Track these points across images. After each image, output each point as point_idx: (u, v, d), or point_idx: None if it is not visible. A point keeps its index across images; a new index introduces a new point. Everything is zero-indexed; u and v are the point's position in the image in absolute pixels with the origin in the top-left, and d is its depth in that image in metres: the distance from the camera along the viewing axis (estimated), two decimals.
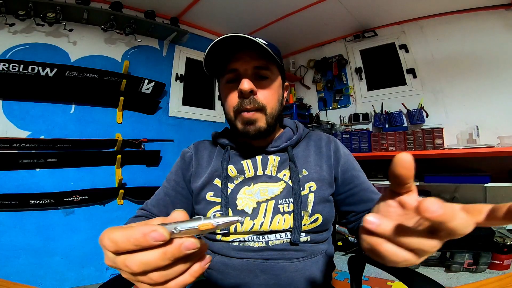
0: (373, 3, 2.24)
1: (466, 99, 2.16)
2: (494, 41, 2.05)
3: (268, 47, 0.57)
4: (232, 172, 0.67)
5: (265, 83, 0.63)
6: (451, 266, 1.83)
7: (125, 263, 0.24)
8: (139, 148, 2.16)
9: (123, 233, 0.23)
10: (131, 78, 2.10)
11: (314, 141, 0.73)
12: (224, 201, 0.63)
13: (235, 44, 0.59)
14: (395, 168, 0.26)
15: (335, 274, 1.97)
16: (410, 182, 0.28)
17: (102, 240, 0.24)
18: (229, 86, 0.64)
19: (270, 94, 0.63)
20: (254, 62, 0.61)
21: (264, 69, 0.62)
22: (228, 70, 0.63)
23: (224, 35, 0.57)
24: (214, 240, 0.66)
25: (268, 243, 0.62)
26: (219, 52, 0.61)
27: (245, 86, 0.59)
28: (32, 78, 1.72)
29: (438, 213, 0.22)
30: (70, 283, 1.81)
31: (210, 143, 0.76)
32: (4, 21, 1.69)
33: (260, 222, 0.62)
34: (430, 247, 0.24)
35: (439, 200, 0.22)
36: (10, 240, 1.66)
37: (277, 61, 0.61)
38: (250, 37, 0.57)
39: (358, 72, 2.73)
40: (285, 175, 0.66)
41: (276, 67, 0.66)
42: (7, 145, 1.66)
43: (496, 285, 0.56)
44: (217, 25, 2.66)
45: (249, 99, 0.60)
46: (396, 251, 0.25)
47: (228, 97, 0.64)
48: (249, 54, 0.61)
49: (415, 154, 2.07)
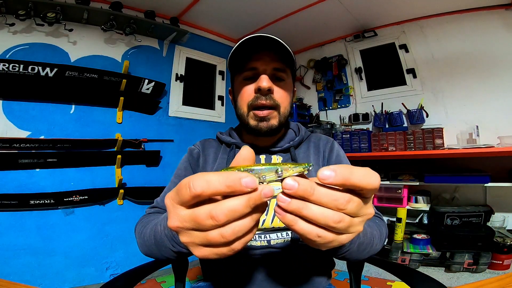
0: (373, 3, 2.24)
1: (466, 99, 2.16)
2: (494, 41, 2.05)
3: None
4: None
5: (281, 84, 0.66)
6: (451, 266, 1.83)
7: (211, 213, 0.23)
8: (139, 148, 2.16)
9: (218, 175, 0.23)
10: (131, 78, 2.10)
11: (314, 142, 0.75)
12: None
13: (257, 44, 0.61)
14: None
15: (335, 274, 1.97)
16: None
17: (188, 183, 0.23)
18: (246, 82, 0.66)
19: (285, 94, 0.66)
20: (273, 64, 0.64)
21: (282, 71, 0.65)
22: (247, 68, 0.65)
23: (254, 34, 0.60)
24: None
25: (270, 242, 0.63)
26: (241, 50, 0.63)
27: (265, 84, 0.61)
28: (32, 78, 1.72)
29: (294, 190, 0.24)
30: (70, 283, 1.81)
31: (215, 141, 0.78)
32: (4, 21, 1.69)
33: (262, 220, 0.63)
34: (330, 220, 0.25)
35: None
36: (10, 240, 1.65)
37: (292, 65, 0.65)
38: (277, 38, 0.59)
39: (358, 72, 2.73)
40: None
41: (290, 72, 0.68)
42: (7, 145, 1.66)
43: (496, 285, 0.56)
44: (217, 25, 2.66)
45: (266, 96, 0.63)
46: (308, 228, 0.26)
47: (243, 92, 0.66)
48: (269, 55, 0.64)
49: (415, 154, 2.08)
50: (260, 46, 0.62)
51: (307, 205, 0.25)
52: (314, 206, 0.25)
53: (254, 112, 0.64)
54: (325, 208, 0.25)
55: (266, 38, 0.60)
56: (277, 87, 0.65)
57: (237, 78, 0.69)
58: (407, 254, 1.95)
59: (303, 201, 0.25)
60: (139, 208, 2.11)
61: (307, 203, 0.25)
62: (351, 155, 2.27)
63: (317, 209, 0.25)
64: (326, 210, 0.25)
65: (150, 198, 2.12)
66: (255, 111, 0.64)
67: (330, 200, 0.25)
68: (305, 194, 0.24)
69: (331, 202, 0.25)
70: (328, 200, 0.25)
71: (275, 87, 0.64)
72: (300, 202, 0.25)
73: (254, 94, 0.64)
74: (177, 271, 0.78)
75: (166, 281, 1.99)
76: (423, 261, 1.95)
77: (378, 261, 0.69)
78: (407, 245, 1.97)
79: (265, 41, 0.60)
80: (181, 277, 0.78)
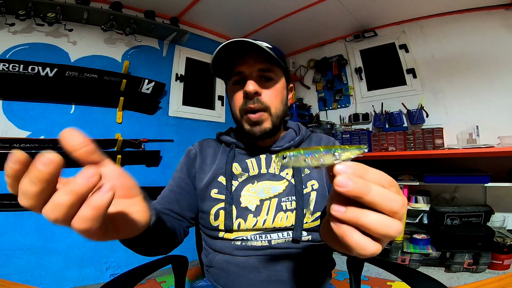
0: (373, 3, 2.24)
1: (466, 99, 2.16)
2: (494, 41, 2.05)
3: (272, 51, 0.59)
4: (237, 170, 0.68)
5: (269, 84, 0.65)
6: (451, 266, 1.83)
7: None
8: (139, 148, 2.16)
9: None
10: (131, 78, 2.09)
11: (315, 142, 0.75)
12: (228, 198, 0.64)
13: (241, 48, 0.61)
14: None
15: (335, 274, 1.97)
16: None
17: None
18: (236, 87, 0.66)
19: (274, 95, 0.66)
20: (258, 65, 0.64)
21: (268, 71, 0.65)
22: (234, 73, 0.65)
23: (231, 40, 0.59)
24: (217, 238, 0.66)
25: (271, 242, 0.63)
26: (225, 56, 0.63)
27: (250, 88, 0.61)
28: (32, 78, 1.72)
29: (349, 188, 0.21)
30: (70, 283, 1.81)
31: (214, 141, 0.78)
32: (4, 21, 1.69)
33: (263, 219, 0.63)
34: (391, 230, 0.22)
35: (354, 172, 0.22)
36: (10, 240, 1.65)
37: (281, 63, 0.64)
38: (254, 41, 0.58)
39: (358, 72, 2.73)
40: (288, 173, 0.68)
41: (280, 70, 0.68)
42: (7, 145, 1.66)
43: (496, 285, 0.56)
44: (217, 25, 2.66)
45: (254, 99, 0.63)
46: (364, 242, 0.23)
47: (234, 98, 0.66)
48: (254, 58, 0.63)
49: (415, 154, 2.08)
50: (243, 49, 0.62)
51: (364, 213, 0.22)
52: (372, 213, 0.22)
53: (247, 116, 0.65)
54: (382, 214, 0.23)
55: (246, 42, 0.59)
56: (265, 89, 0.64)
57: (228, 83, 0.70)
58: (407, 254, 1.95)
59: (358, 208, 0.23)
60: None
61: (364, 210, 0.22)
62: None
63: (376, 217, 0.22)
64: (384, 218, 0.22)
65: (150, 198, 2.12)
66: (247, 115, 0.64)
67: (386, 202, 0.22)
68: (361, 193, 0.22)
69: (387, 204, 0.22)
70: (383, 201, 0.22)
71: (263, 90, 0.64)
72: (357, 210, 0.23)
73: (243, 99, 0.64)
74: (177, 271, 0.78)
75: (166, 281, 1.99)
76: (423, 261, 1.96)
77: (378, 261, 0.69)
78: (407, 245, 1.97)
79: (246, 44, 0.60)
80: (181, 277, 0.78)
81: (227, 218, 0.63)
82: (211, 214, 0.65)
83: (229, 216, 0.63)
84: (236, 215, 0.64)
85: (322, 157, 0.25)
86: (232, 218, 0.63)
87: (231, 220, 0.63)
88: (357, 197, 0.22)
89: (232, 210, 0.64)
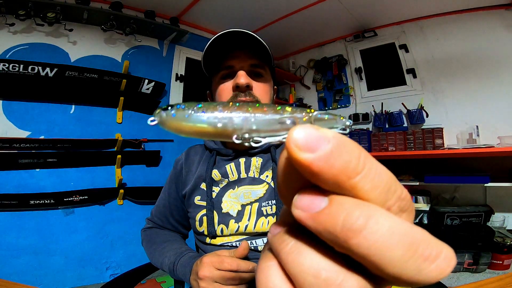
0: (373, 3, 2.24)
1: (466, 99, 2.16)
2: (494, 41, 2.05)
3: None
4: (216, 176, 0.67)
5: (260, 80, 0.65)
6: None
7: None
8: (139, 148, 2.16)
9: (244, 263, 0.40)
10: (131, 78, 2.09)
11: None
12: (209, 204, 0.64)
13: (232, 42, 0.60)
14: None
15: None
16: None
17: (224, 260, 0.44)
18: (223, 81, 0.65)
19: (265, 90, 0.65)
20: (250, 60, 0.63)
21: (260, 67, 0.64)
22: (223, 67, 0.64)
23: (224, 31, 0.58)
24: (205, 244, 0.67)
25: (257, 248, 0.62)
26: (216, 50, 0.62)
27: (242, 80, 0.60)
28: (32, 78, 1.72)
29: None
30: (70, 283, 1.81)
31: (201, 147, 0.77)
32: (4, 21, 1.69)
33: (244, 225, 0.62)
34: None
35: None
36: (10, 240, 1.65)
37: (269, 63, 0.63)
38: (249, 32, 0.58)
39: (358, 72, 2.73)
40: (268, 176, 0.65)
41: (268, 69, 0.68)
42: (7, 145, 1.66)
43: (496, 285, 0.56)
44: (217, 25, 2.65)
45: (245, 92, 0.62)
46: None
47: (221, 91, 0.65)
48: (245, 53, 0.63)
49: (415, 154, 2.08)
50: (234, 44, 0.61)
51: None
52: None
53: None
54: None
55: (240, 36, 0.58)
56: (256, 83, 0.63)
57: (214, 79, 0.68)
58: None
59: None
60: (139, 208, 2.11)
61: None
62: None
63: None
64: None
65: (150, 198, 2.13)
66: None
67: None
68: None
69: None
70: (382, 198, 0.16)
71: (254, 83, 0.63)
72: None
73: (232, 92, 0.62)
74: None
75: (166, 281, 1.99)
76: None
77: None
78: None
79: (239, 40, 0.59)
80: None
81: (209, 224, 0.63)
82: (196, 220, 0.66)
83: (211, 222, 0.63)
84: (218, 221, 0.63)
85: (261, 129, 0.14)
86: (214, 224, 0.63)
87: (213, 226, 0.63)
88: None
89: (213, 216, 0.63)
